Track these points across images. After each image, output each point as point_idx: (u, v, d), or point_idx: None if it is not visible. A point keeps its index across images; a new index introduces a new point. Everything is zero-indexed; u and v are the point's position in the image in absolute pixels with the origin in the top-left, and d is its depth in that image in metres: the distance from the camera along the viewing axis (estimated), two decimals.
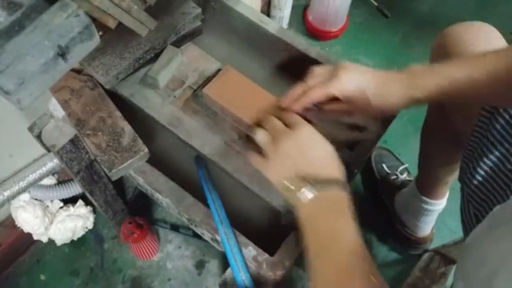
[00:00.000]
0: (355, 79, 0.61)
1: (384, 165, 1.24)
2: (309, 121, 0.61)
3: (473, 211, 0.70)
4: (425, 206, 1.06)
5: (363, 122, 0.64)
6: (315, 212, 0.54)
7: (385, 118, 0.79)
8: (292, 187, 0.55)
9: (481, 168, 0.68)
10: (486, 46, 0.71)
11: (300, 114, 0.63)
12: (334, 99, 0.62)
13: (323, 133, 0.59)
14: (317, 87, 0.62)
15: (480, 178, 0.68)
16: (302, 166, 0.56)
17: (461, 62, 0.60)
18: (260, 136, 0.61)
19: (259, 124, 0.64)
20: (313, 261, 0.52)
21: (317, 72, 0.64)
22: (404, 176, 1.21)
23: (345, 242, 0.51)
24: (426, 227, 1.13)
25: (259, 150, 0.61)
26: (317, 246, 0.52)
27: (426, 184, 1.04)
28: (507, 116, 0.64)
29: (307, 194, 0.54)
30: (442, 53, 0.77)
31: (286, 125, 0.60)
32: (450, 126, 0.82)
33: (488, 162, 0.67)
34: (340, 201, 0.55)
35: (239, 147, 0.72)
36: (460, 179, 0.75)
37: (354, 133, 0.65)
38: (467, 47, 0.73)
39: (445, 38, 0.77)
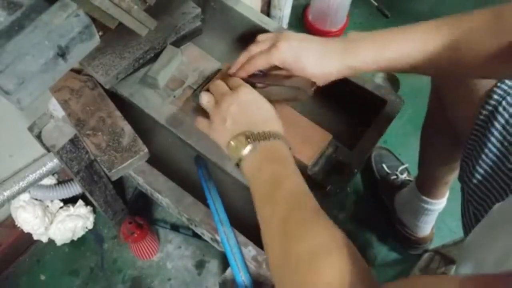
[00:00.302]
0: (294, 48, 0.62)
1: (384, 165, 1.24)
2: (253, 85, 0.64)
3: (472, 210, 0.70)
4: (425, 206, 1.06)
5: (301, 84, 0.67)
6: (255, 163, 0.55)
7: (385, 117, 0.79)
8: (233, 143, 0.57)
9: (481, 167, 0.68)
10: None
11: (245, 79, 0.66)
12: (276, 66, 0.65)
13: (263, 94, 0.62)
14: (259, 56, 0.64)
15: (479, 177, 0.68)
16: (243, 123, 0.58)
17: (399, 33, 0.60)
18: (204, 98, 0.64)
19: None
20: (259, 210, 0.52)
21: (260, 39, 0.67)
22: (404, 176, 1.21)
23: (287, 185, 0.52)
24: (426, 227, 1.13)
25: (206, 115, 0.63)
26: (261, 194, 0.53)
27: (426, 183, 1.04)
28: (506, 115, 0.64)
29: (248, 147, 0.55)
30: None
31: (230, 89, 0.63)
32: (450, 126, 0.82)
33: (487, 161, 0.67)
34: (279, 150, 0.56)
35: None
36: (460, 178, 0.75)
37: (292, 94, 0.69)
38: None
39: None
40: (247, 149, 0.55)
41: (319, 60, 0.62)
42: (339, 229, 0.46)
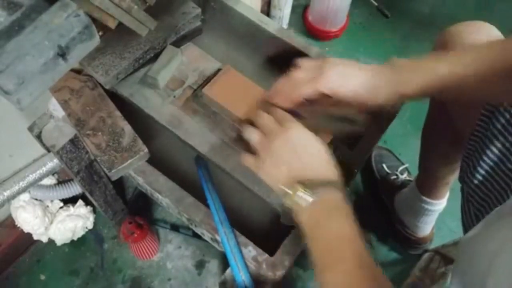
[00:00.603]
0: (342, 75, 0.60)
1: (384, 165, 1.24)
2: (296, 114, 0.61)
3: (473, 211, 0.70)
4: (426, 206, 1.06)
5: (351, 114, 0.64)
6: (315, 217, 0.53)
7: (385, 117, 0.79)
8: (289, 191, 0.54)
9: (482, 168, 0.68)
10: None
11: (291, 110, 0.63)
12: (322, 94, 0.62)
13: (312, 128, 0.59)
14: (305, 84, 0.61)
15: (480, 178, 0.68)
16: (296, 167, 0.55)
17: (447, 57, 0.60)
18: (251, 134, 0.61)
19: (250, 121, 0.63)
20: (321, 270, 0.51)
21: (304, 66, 0.64)
22: (404, 176, 1.21)
23: (350, 246, 0.51)
24: (426, 227, 1.13)
25: (251, 149, 0.60)
26: (323, 254, 0.52)
27: (427, 184, 1.04)
28: (507, 115, 0.64)
29: (305, 198, 0.53)
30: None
31: (276, 120, 0.60)
32: (451, 127, 0.82)
33: (488, 161, 0.67)
34: (339, 204, 0.54)
35: (239, 147, 0.72)
36: (461, 178, 0.75)
37: (343, 125, 0.66)
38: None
39: (446, 37, 0.77)
40: (304, 200, 0.53)
41: (371, 88, 0.59)
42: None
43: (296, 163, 0.56)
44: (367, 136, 0.77)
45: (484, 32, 0.74)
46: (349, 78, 0.60)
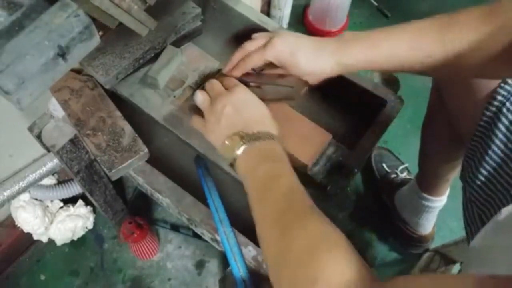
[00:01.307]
0: (288, 45, 0.63)
1: (384, 165, 1.24)
2: (247, 84, 0.65)
3: (476, 211, 0.69)
4: (426, 203, 1.06)
5: (294, 83, 0.69)
6: (250, 162, 0.56)
7: (386, 117, 0.79)
8: (228, 143, 0.57)
9: (484, 169, 0.67)
10: None
11: (239, 79, 0.67)
12: (270, 64, 0.65)
13: (257, 93, 0.63)
14: (254, 53, 0.65)
15: (483, 178, 0.68)
16: (237, 124, 0.58)
17: (391, 32, 0.60)
18: (199, 97, 0.64)
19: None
20: (255, 208, 0.53)
21: (255, 38, 0.68)
22: (404, 175, 1.21)
23: (282, 183, 0.52)
24: (428, 224, 1.13)
25: (201, 113, 0.64)
26: (256, 192, 0.54)
27: (427, 181, 1.04)
28: (510, 116, 0.64)
29: (243, 148, 0.56)
30: None
31: (223, 85, 0.64)
32: (450, 125, 0.82)
33: (491, 162, 0.66)
34: (273, 150, 0.57)
35: None
36: (462, 177, 0.75)
37: (283, 91, 0.71)
38: None
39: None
40: (241, 149, 0.56)
41: (313, 58, 0.62)
42: (336, 226, 0.47)
43: (236, 119, 0.59)
44: (367, 136, 0.77)
45: None
46: (295, 48, 0.63)
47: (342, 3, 1.41)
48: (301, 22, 1.56)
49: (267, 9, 1.47)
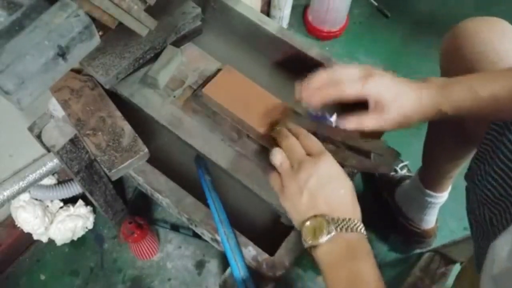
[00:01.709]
0: (394, 85, 0.58)
1: None
2: (318, 137, 0.58)
3: (488, 214, 0.67)
4: (429, 199, 1.05)
5: (378, 150, 0.62)
6: (333, 256, 0.52)
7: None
8: (310, 225, 0.53)
9: (495, 172, 0.65)
10: (502, 44, 0.69)
11: (311, 131, 0.60)
12: (357, 104, 0.59)
13: (339, 161, 0.56)
14: (347, 82, 0.57)
15: (493, 182, 0.65)
16: (321, 203, 0.54)
17: (485, 77, 0.58)
18: (278, 159, 0.58)
19: (272, 135, 0.62)
20: None
21: (344, 67, 0.60)
22: (403, 172, 1.21)
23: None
24: (430, 218, 1.12)
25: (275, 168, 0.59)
26: None
27: (430, 178, 1.03)
28: None
29: (326, 233, 0.52)
30: (454, 53, 0.74)
31: (303, 146, 0.57)
32: (457, 125, 0.80)
33: (502, 166, 0.64)
34: (359, 244, 0.53)
35: (239, 147, 0.72)
36: (467, 177, 0.73)
37: (372, 163, 0.63)
38: (482, 46, 0.70)
39: (456, 35, 0.74)
40: (325, 238, 0.51)
41: (418, 100, 0.57)
42: None
43: (321, 198, 0.54)
44: (367, 136, 0.76)
45: (498, 29, 0.72)
46: (399, 90, 0.57)
47: (342, 3, 1.41)
48: (301, 22, 1.56)
49: (267, 9, 1.47)
